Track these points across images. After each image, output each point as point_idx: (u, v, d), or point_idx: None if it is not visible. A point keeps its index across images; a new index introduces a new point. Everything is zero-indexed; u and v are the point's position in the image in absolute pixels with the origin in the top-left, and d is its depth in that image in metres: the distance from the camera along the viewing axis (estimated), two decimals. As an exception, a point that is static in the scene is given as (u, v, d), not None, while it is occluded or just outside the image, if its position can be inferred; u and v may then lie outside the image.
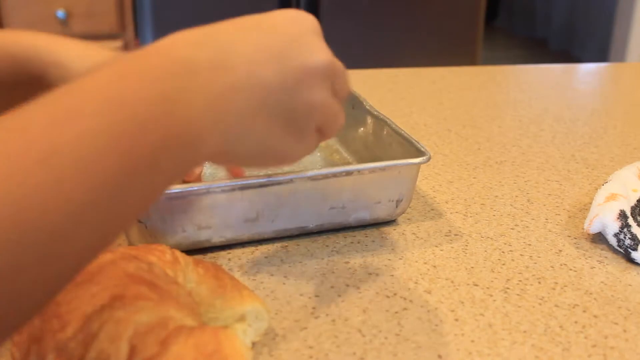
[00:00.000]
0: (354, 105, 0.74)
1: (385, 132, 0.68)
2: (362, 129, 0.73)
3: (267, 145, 0.38)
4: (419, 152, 0.62)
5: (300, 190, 0.58)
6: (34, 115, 0.28)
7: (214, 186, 0.56)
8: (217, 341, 0.39)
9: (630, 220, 0.60)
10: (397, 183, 0.61)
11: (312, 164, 0.75)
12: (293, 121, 0.39)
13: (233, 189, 0.56)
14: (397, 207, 0.62)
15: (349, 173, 0.59)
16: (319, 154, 0.77)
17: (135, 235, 0.56)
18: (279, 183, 0.57)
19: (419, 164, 0.61)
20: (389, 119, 0.69)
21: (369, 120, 0.71)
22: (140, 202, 0.31)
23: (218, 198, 0.56)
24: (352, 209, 0.61)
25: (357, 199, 0.60)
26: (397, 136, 0.66)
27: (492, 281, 0.56)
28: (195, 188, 0.55)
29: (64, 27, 2.01)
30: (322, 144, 0.78)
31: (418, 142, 0.63)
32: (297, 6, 1.96)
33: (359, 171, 0.59)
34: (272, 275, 0.56)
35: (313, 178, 0.58)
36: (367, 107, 0.72)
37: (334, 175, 0.59)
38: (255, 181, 0.57)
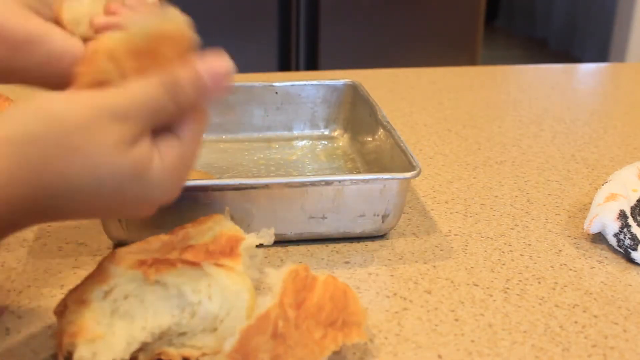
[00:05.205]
0: (371, 114, 0.73)
1: (390, 143, 0.67)
2: (375, 138, 0.72)
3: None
4: (411, 167, 0.59)
5: (276, 196, 0.57)
6: None
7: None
8: None
9: (630, 220, 0.60)
10: (382, 197, 0.59)
11: (320, 170, 0.74)
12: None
13: (206, 190, 0.56)
14: (383, 222, 0.60)
15: (328, 183, 0.57)
16: (326, 160, 0.76)
17: (113, 229, 0.57)
18: (253, 187, 0.56)
19: (405, 179, 0.59)
20: (395, 129, 0.67)
21: (380, 130, 0.70)
22: None
23: (189, 197, 0.56)
24: (334, 220, 0.59)
25: (338, 211, 0.59)
26: (397, 148, 0.64)
27: (492, 281, 0.56)
28: None
29: (64, 27, 2.00)
30: (339, 151, 0.78)
31: (412, 156, 0.60)
32: (297, 6, 1.96)
33: (339, 182, 0.57)
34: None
35: (289, 185, 0.57)
36: (380, 116, 0.71)
37: (312, 184, 0.57)
38: (229, 183, 0.56)
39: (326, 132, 0.81)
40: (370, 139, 0.73)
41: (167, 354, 0.45)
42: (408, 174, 0.58)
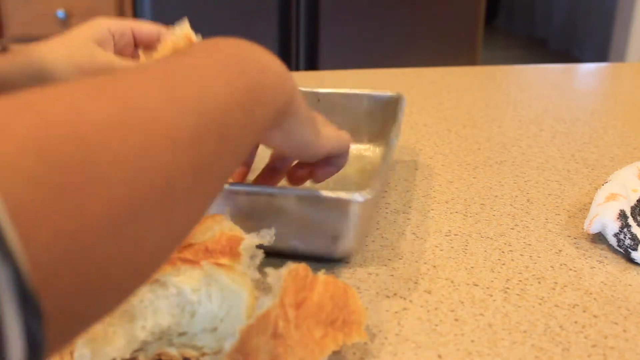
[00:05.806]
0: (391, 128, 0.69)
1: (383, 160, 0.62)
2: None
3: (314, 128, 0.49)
4: (368, 190, 0.53)
5: (223, 204, 0.54)
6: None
7: None
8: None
9: (630, 220, 0.60)
10: (333, 217, 0.54)
11: (345, 186, 0.68)
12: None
13: None
14: (334, 244, 0.55)
15: (272, 195, 0.54)
16: (355, 174, 0.72)
17: None
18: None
19: (348, 200, 0.53)
20: (391, 146, 0.63)
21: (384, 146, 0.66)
22: (254, 128, 0.39)
23: None
24: (284, 234, 0.53)
25: (287, 226, 0.54)
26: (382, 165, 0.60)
27: (492, 281, 0.56)
28: None
29: (64, 26, 2.01)
30: (369, 167, 0.73)
31: (380, 178, 0.57)
32: (297, 6, 1.96)
33: (283, 195, 0.54)
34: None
35: (235, 192, 0.54)
36: (392, 133, 0.66)
37: (256, 193, 0.54)
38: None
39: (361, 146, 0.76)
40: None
41: (167, 354, 0.45)
42: (352, 195, 0.53)
